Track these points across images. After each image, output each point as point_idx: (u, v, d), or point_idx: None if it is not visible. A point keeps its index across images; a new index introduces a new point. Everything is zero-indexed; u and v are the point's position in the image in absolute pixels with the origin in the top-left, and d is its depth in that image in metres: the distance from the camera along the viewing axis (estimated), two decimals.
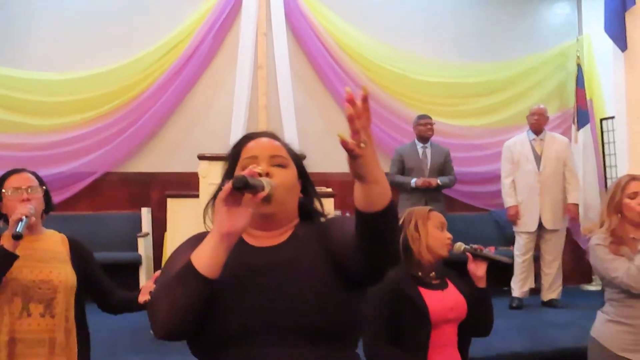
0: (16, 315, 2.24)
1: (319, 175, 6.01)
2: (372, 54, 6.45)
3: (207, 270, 1.24)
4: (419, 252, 2.38)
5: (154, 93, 6.04)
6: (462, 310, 2.37)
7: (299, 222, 1.51)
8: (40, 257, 2.32)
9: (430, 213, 2.48)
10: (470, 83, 6.68)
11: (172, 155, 6.11)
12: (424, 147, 5.74)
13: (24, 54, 5.91)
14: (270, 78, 6.32)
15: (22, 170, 2.43)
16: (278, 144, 1.51)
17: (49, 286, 2.28)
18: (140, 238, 5.66)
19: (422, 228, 2.42)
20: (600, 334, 2.73)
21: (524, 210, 5.45)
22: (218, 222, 1.26)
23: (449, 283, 2.44)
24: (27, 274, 2.27)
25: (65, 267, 2.36)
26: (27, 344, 2.24)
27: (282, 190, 1.40)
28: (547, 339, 4.21)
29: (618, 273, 2.61)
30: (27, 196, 2.32)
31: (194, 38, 6.13)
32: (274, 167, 1.44)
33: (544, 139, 5.53)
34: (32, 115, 5.84)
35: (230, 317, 1.31)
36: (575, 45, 6.81)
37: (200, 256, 1.26)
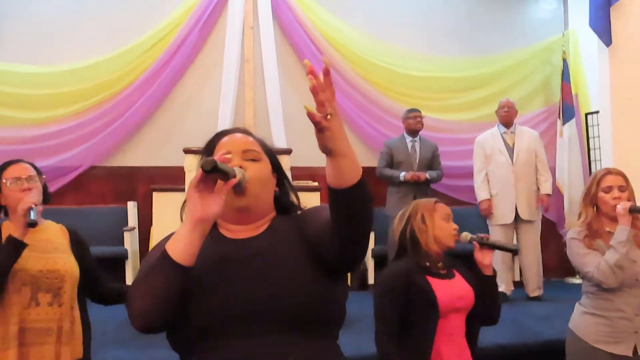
0: (25, 305, 2.25)
1: (305, 169, 6.00)
2: (359, 48, 6.45)
3: (181, 258, 1.25)
4: (426, 243, 2.43)
5: (140, 86, 6.01)
6: (470, 300, 2.41)
7: (276, 215, 1.51)
8: (44, 248, 2.34)
9: (436, 205, 2.53)
10: (457, 77, 6.71)
11: (158, 149, 6.09)
12: (413, 140, 5.76)
13: (7, 46, 5.84)
14: (257, 72, 6.31)
15: (20, 160, 2.42)
16: (251, 139, 1.52)
17: (57, 276, 2.31)
18: (127, 232, 5.64)
19: (429, 220, 2.47)
20: (577, 326, 2.76)
21: (499, 202, 5.48)
22: (190, 209, 1.26)
23: (456, 273, 2.48)
24: (35, 264, 2.29)
25: (69, 257, 2.39)
26: (36, 333, 2.26)
27: (256, 183, 1.41)
28: (531, 332, 4.25)
29: (590, 268, 2.64)
30: (28, 186, 2.32)
31: (180, 31, 6.10)
32: (247, 162, 1.44)
33: (515, 131, 5.58)
34: (17, 108, 5.79)
35: (207, 308, 1.30)
36: (561, 40, 6.85)
37: (175, 244, 1.26)
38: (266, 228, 1.46)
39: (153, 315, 1.26)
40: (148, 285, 1.26)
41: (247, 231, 1.45)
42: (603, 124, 5.79)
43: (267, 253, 1.38)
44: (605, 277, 2.59)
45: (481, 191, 5.55)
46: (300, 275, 1.35)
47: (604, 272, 2.59)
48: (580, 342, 2.70)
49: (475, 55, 6.75)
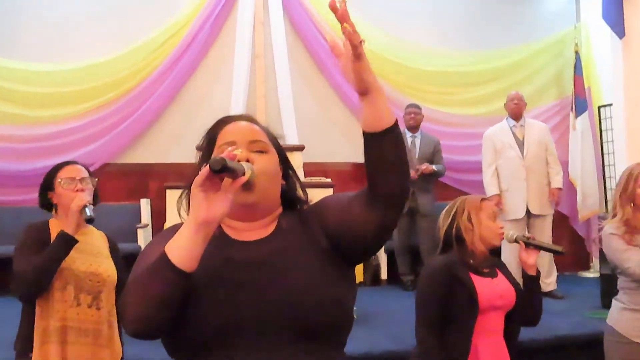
0: (69, 303, 2.29)
1: (318, 165, 6.02)
2: (369, 42, 6.33)
3: (182, 263, 1.13)
4: (472, 242, 2.44)
5: (152, 84, 6.04)
6: (511, 299, 2.42)
7: (282, 211, 1.41)
8: (89, 251, 2.38)
9: (482, 203, 2.51)
10: (468, 72, 6.68)
11: (170, 146, 6.11)
12: (412, 136, 5.75)
13: (20, 45, 5.89)
14: (268, 67, 6.31)
15: (75, 162, 2.51)
16: (257, 128, 1.40)
17: (99, 279, 2.35)
18: (140, 229, 5.66)
19: (475, 219, 2.46)
20: (616, 322, 2.73)
21: (510, 197, 5.40)
22: (194, 210, 1.15)
23: (498, 272, 2.49)
24: (80, 265, 2.33)
25: (110, 263, 2.43)
26: (77, 332, 2.30)
27: (264, 177, 1.30)
28: (545, 327, 4.21)
29: (630, 263, 2.62)
30: (81, 187, 2.39)
31: (191, 28, 6.11)
32: (254, 153, 1.32)
33: (524, 124, 5.51)
34: (30, 106, 5.83)
35: (212, 317, 1.20)
36: (573, 33, 6.80)
37: (175, 247, 1.14)
38: (274, 229, 1.36)
39: (148, 322, 1.15)
40: (144, 291, 1.14)
41: (254, 231, 1.34)
42: (616, 116, 5.76)
43: (276, 259, 1.29)
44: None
45: (491, 186, 5.46)
46: (313, 281, 1.27)
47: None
48: (621, 338, 2.68)
49: (487, 49, 6.71)
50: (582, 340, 3.96)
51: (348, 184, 6.25)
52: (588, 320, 4.35)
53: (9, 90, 5.75)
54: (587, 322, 4.29)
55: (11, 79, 5.77)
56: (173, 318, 1.17)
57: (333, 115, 6.48)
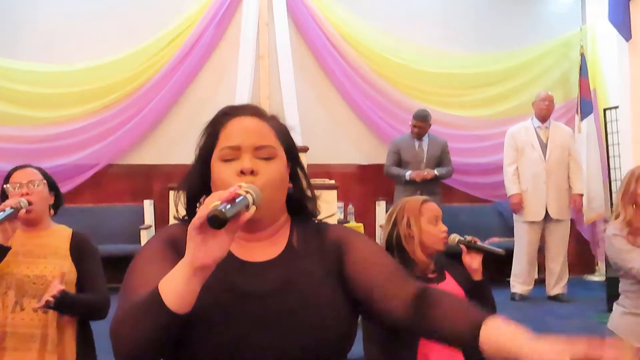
0: (9, 308, 2.23)
1: (321, 167, 6.00)
2: (374, 44, 6.41)
3: (176, 306, 1.03)
4: (413, 251, 2.32)
5: (156, 85, 6.03)
6: None
7: (292, 222, 1.33)
8: (39, 253, 2.30)
9: (423, 206, 2.38)
10: (474, 73, 6.65)
11: (174, 147, 6.09)
12: (420, 139, 5.72)
13: (24, 46, 5.89)
14: (272, 68, 6.29)
15: (26, 165, 2.41)
16: (264, 125, 1.28)
17: (43, 282, 2.26)
18: (143, 230, 5.65)
19: (415, 225, 2.33)
20: (617, 327, 2.71)
21: (529, 199, 5.36)
22: (191, 254, 1.03)
23: (447, 275, 2.38)
24: (24, 269, 2.26)
25: (63, 263, 2.32)
26: (18, 338, 2.23)
27: (269, 189, 1.20)
28: (551, 330, 4.20)
29: (634, 264, 2.60)
30: (27, 190, 2.29)
31: (195, 29, 6.11)
32: (259, 161, 1.23)
33: (549, 127, 5.46)
34: (34, 107, 5.83)
35: (216, 349, 1.15)
36: (579, 35, 6.76)
37: (170, 288, 1.04)
38: (285, 247, 1.27)
39: (141, 357, 1.09)
40: (136, 329, 1.06)
41: (260, 244, 1.26)
42: (622, 119, 5.72)
43: (288, 287, 1.21)
44: None
45: (512, 184, 5.42)
46: (325, 316, 1.19)
47: None
48: None
49: (492, 51, 6.68)
50: None
51: (352, 186, 6.24)
52: (594, 323, 4.33)
53: (13, 91, 5.75)
54: (593, 325, 4.26)
55: (15, 80, 5.77)
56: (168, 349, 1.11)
57: (337, 117, 6.46)
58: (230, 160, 1.23)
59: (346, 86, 6.37)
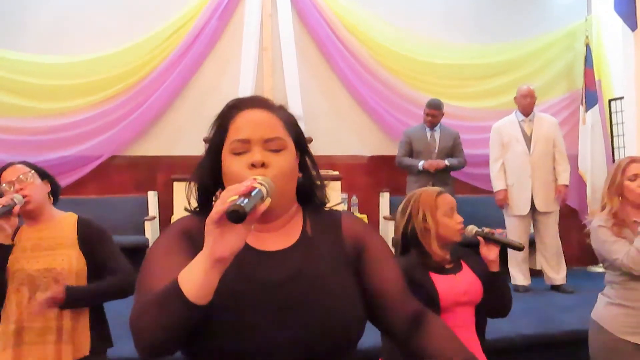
0: (24, 304, 2.25)
1: (325, 158, 6.00)
2: (378, 35, 6.39)
3: (196, 298, 1.06)
4: (429, 244, 2.34)
5: (160, 76, 6.02)
6: (477, 293, 2.33)
7: (303, 211, 1.35)
8: (46, 246, 2.31)
9: (438, 199, 2.39)
10: (479, 64, 6.63)
11: (178, 139, 6.10)
12: (432, 131, 5.71)
13: (28, 37, 5.88)
14: (276, 60, 6.28)
15: (10, 164, 2.41)
16: (273, 117, 1.30)
17: (53, 274, 2.28)
18: (147, 222, 5.66)
19: (431, 219, 2.35)
20: (601, 317, 2.71)
21: (515, 193, 5.36)
22: (209, 247, 1.06)
23: (463, 265, 2.40)
24: (34, 264, 2.28)
25: (70, 252, 2.33)
26: (35, 332, 2.25)
27: (280, 180, 1.22)
28: (555, 322, 4.21)
29: (619, 255, 2.60)
30: (19, 186, 2.31)
31: (198, 20, 6.10)
32: (269, 153, 1.25)
33: (533, 119, 5.44)
34: (37, 99, 5.83)
35: (233, 338, 1.17)
36: (584, 25, 6.73)
37: (189, 280, 1.07)
38: (299, 236, 1.30)
39: (163, 349, 1.12)
40: (156, 321, 1.09)
41: (274, 234, 1.29)
42: (627, 110, 5.70)
43: (303, 275, 1.23)
44: (635, 264, 2.54)
45: (497, 181, 5.43)
46: (340, 302, 1.23)
47: (634, 258, 2.54)
48: (605, 334, 2.65)
49: (497, 42, 6.66)
50: None
51: (356, 177, 6.24)
52: None
53: (16, 83, 5.75)
54: None
55: (19, 71, 5.76)
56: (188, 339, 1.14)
57: (340, 108, 6.45)
58: (240, 154, 1.25)
59: (350, 77, 6.36)
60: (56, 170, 5.48)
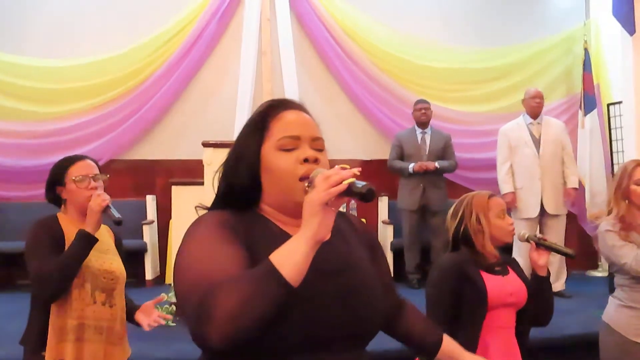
0: (86, 301, 2.27)
1: None
2: (377, 39, 6.40)
3: (294, 279, 1.08)
4: (483, 245, 2.40)
5: (158, 80, 6.03)
6: (522, 297, 2.39)
7: None
8: (100, 248, 2.34)
9: (490, 201, 2.46)
10: (477, 68, 6.64)
11: (176, 143, 6.10)
12: (423, 132, 5.72)
13: (26, 40, 5.89)
14: (275, 64, 6.28)
15: (86, 157, 2.45)
16: (313, 120, 1.38)
17: (112, 277, 2.33)
18: (146, 225, 5.66)
19: (485, 220, 2.42)
20: (612, 320, 2.71)
21: (524, 196, 5.33)
22: (315, 227, 1.09)
23: (510, 270, 2.46)
24: (94, 263, 2.29)
25: (119, 260, 2.42)
26: (94, 330, 2.28)
27: None
28: (554, 326, 4.17)
29: (627, 259, 2.60)
30: (94, 184, 2.35)
31: (197, 24, 6.10)
32: (317, 151, 1.30)
33: (541, 122, 5.43)
34: (36, 102, 5.84)
35: (292, 326, 1.16)
36: (583, 30, 6.73)
37: (288, 262, 1.08)
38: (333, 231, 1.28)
39: (242, 333, 1.08)
40: (245, 300, 1.06)
41: None
42: (626, 114, 5.71)
43: (350, 267, 1.30)
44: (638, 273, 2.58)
45: (505, 184, 5.38)
46: (378, 291, 1.32)
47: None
48: (617, 336, 2.66)
49: (496, 46, 6.67)
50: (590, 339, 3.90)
51: None
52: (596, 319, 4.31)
53: (16, 86, 5.76)
54: (596, 321, 4.24)
55: (18, 75, 5.77)
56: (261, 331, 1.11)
57: (339, 112, 6.45)
58: (290, 150, 1.28)
59: (348, 81, 6.36)
60: None
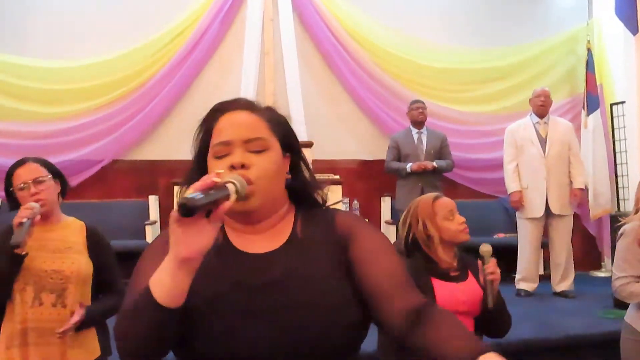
0: (29, 304, 2.23)
1: (326, 162, 6.00)
2: (379, 40, 6.40)
3: (166, 301, 1.04)
4: (435, 251, 2.35)
5: (161, 80, 6.03)
6: (476, 305, 2.32)
7: (296, 212, 1.30)
8: (55, 248, 2.30)
9: (435, 204, 2.40)
10: (480, 69, 6.62)
11: (179, 143, 6.08)
12: (419, 132, 5.73)
13: (29, 41, 5.89)
14: (277, 64, 6.28)
15: (27, 160, 2.36)
16: (256, 118, 1.26)
17: (61, 276, 2.27)
18: (148, 226, 5.66)
19: (431, 225, 2.36)
20: (633, 319, 2.68)
21: (530, 195, 5.32)
22: (173, 247, 1.03)
23: (469, 275, 2.38)
24: (40, 264, 2.25)
25: (79, 257, 2.33)
26: (39, 333, 2.23)
27: (263, 181, 1.19)
28: (558, 327, 4.19)
29: (620, 274, 2.63)
30: (35, 190, 2.27)
31: (200, 24, 6.10)
32: (251, 154, 1.20)
33: (548, 122, 5.41)
34: (38, 103, 5.83)
35: (219, 342, 1.14)
36: (586, 30, 6.72)
37: (159, 283, 1.05)
38: (288, 238, 1.25)
39: (145, 354, 1.10)
40: (135, 328, 1.07)
41: (262, 235, 1.24)
42: (629, 114, 5.71)
43: (288, 280, 1.17)
44: (621, 297, 2.64)
45: (512, 182, 5.37)
46: (330, 306, 1.16)
47: (620, 293, 2.63)
48: (637, 335, 2.63)
49: (498, 46, 6.65)
50: (594, 339, 3.92)
51: (356, 181, 6.23)
52: (600, 319, 4.31)
53: (19, 87, 5.76)
54: (599, 321, 4.24)
55: (22, 75, 5.77)
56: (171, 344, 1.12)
57: (341, 112, 6.45)
58: (222, 157, 1.22)
59: (351, 82, 6.36)
60: None
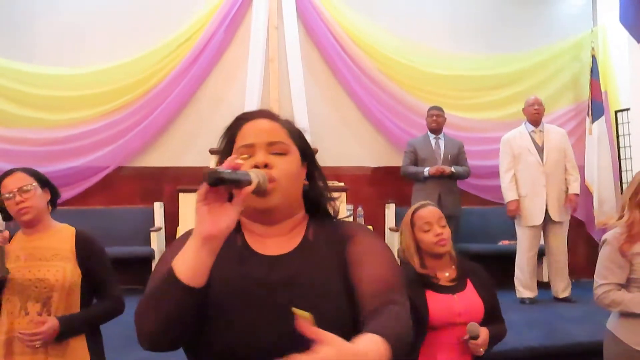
0: (15, 314, 2.23)
1: (331, 169, 6.01)
2: (384, 46, 6.41)
3: (190, 279, 1.09)
4: (418, 262, 2.35)
5: (166, 87, 6.05)
6: (474, 316, 2.29)
7: (309, 219, 1.36)
8: (41, 256, 2.29)
9: (414, 216, 2.41)
10: (484, 75, 6.63)
11: (184, 150, 6.12)
12: (436, 138, 5.72)
13: (35, 48, 5.93)
14: (282, 71, 6.31)
15: (13, 170, 2.36)
16: (277, 125, 1.33)
17: (45, 285, 2.25)
18: (153, 232, 5.67)
19: (409, 238, 2.39)
20: (616, 328, 2.68)
21: (529, 204, 5.32)
22: (198, 224, 1.11)
23: (468, 284, 2.36)
24: (25, 274, 2.25)
25: (65, 265, 2.29)
26: (21, 343, 2.21)
27: (284, 181, 1.25)
28: (561, 334, 4.18)
29: (602, 281, 2.65)
30: (20, 198, 2.28)
31: (205, 32, 6.13)
32: (273, 156, 1.27)
33: (543, 130, 5.43)
34: (45, 109, 5.87)
35: (233, 335, 1.18)
36: (590, 36, 6.73)
37: (182, 263, 1.11)
38: (300, 241, 1.31)
39: (162, 338, 1.14)
40: (157, 309, 1.11)
41: (277, 239, 1.30)
42: (634, 121, 5.70)
43: (303, 278, 1.23)
44: (600, 303, 2.67)
45: (509, 191, 5.38)
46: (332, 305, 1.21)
47: (602, 301, 2.65)
48: (620, 345, 2.63)
49: (503, 52, 6.66)
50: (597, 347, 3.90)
51: (361, 188, 6.23)
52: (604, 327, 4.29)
53: (25, 94, 5.79)
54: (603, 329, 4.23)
55: (27, 82, 5.81)
56: (187, 331, 1.15)
57: (346, 119, 6.46)
58: (246, 159, 1.27)
59: (355, 89, 6.37)
60: (63, 181, 5.51)
